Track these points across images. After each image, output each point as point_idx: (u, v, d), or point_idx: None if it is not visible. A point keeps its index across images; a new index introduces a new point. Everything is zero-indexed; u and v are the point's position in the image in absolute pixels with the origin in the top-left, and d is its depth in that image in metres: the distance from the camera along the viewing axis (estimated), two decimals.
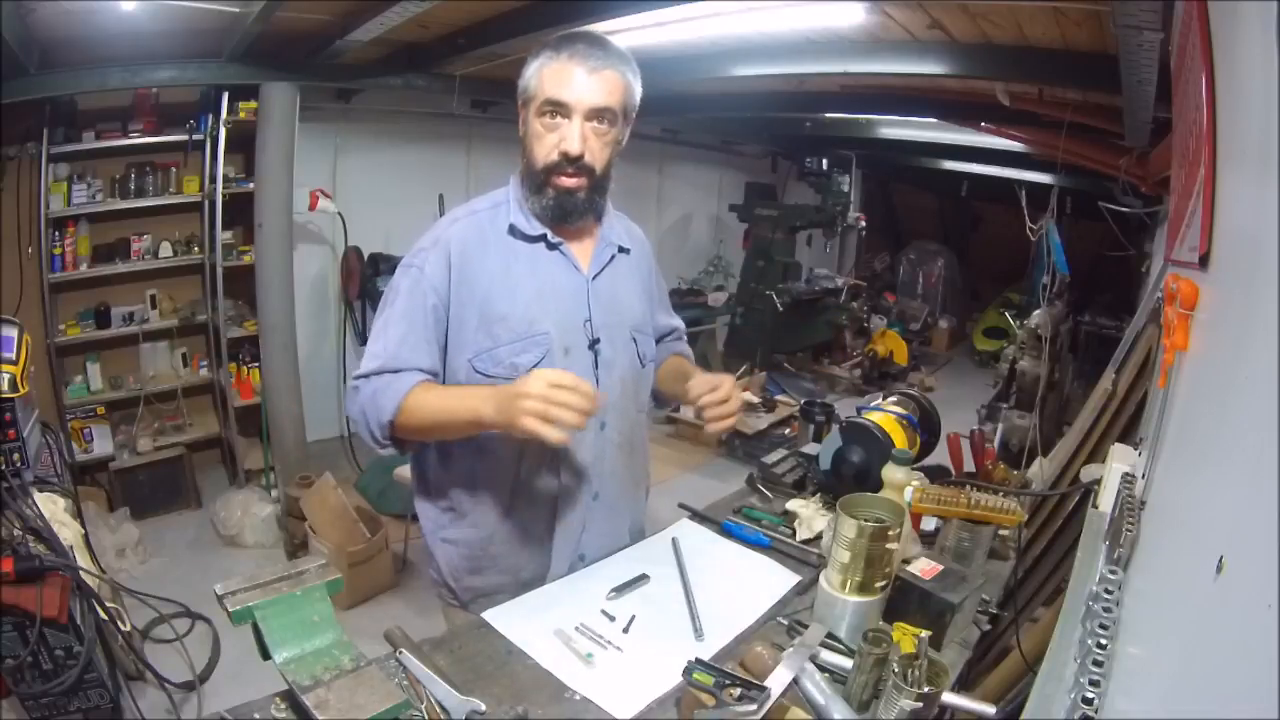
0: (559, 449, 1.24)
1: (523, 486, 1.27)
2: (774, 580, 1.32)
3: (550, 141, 1.18)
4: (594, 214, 1.30)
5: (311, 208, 3.67)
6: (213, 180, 3.37)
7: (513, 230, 1.25)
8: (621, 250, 1.34)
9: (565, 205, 1.22)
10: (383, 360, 1.20)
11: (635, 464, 1.41)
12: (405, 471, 2.51)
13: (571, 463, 1.28)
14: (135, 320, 3.51)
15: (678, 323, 1.59)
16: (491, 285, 1.22)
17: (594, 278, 1.29)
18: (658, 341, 1.48)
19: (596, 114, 1.17)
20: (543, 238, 1.25)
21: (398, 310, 1.23)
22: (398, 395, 1.16)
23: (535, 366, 1.21)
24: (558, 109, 1.16)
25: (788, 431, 4.34)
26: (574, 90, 1.14)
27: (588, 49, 1.15)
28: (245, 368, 3.69)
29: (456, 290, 1.22)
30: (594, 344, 1.27)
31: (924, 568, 1.18)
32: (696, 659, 0.96)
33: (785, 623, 1.19)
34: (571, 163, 1.18)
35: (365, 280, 3.89)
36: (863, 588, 1.09)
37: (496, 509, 1.29)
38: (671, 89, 3.78)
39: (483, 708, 0.91)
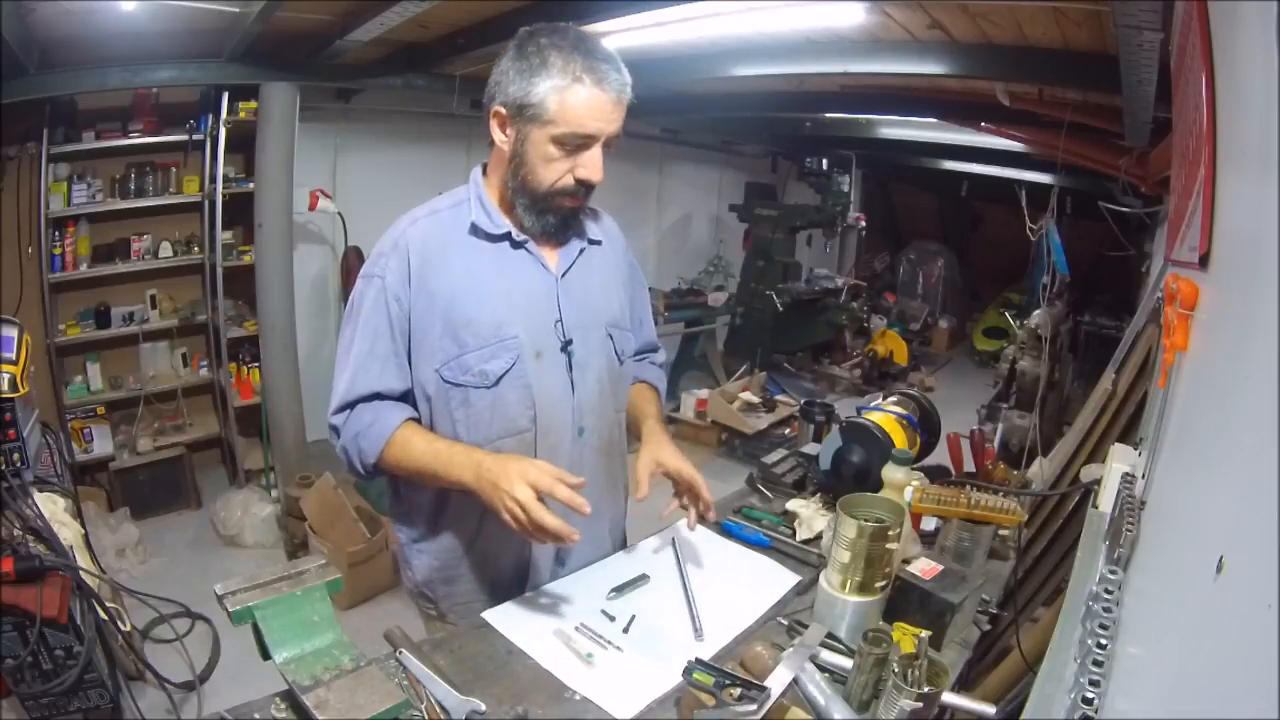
0: (534, 456, 1.21)
1: None
2: (774, 580, 1.32)
3: (563, 167, 1.13)
4: (581, 221, 1.28)
5: (311, 208, 3.67)
6: (213, 180, 3.37)
7: (475, 229, 1.20)
8: (592, 243, 1.30)
9: (568, 222, 1.22)
10: (349, 388, 1.19)
11: (613, 466, 1.37)
12: None
13: None
14: (135, 320, 3.51)
15: (652, 337, 1.51)
16: (455, 289, 1.17)
17: (563, 275, 1.24)
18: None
19: (612, 139, 1.14)
20: (507, 236, 1.20)
21: (361, 326, 1.19)
22: (379, 440, 1.18)
23: (507, 372, 1.18)
24: (582, 142, 1.11)
25: (788, 431, 4.34)
26: (601, 123, 1.10)
27: (607, 69, 1.09)
28: (245, 368, 3.68)
29: (417, 297, 1.17)
30: (566, 345, 1.23)
31: (924, 568, 1.18)
32: (696, 659, 0.96)
33: (785, 623, 1.19)
34: (586, 189, 1.16)
35: None
36: (863, 588, 1.09)
37: (471, 517, 1.25)
38: (671, 89, 3.78)
39: (483, 708, 0.91)
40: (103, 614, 1.71)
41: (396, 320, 1.18)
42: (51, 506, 1.79)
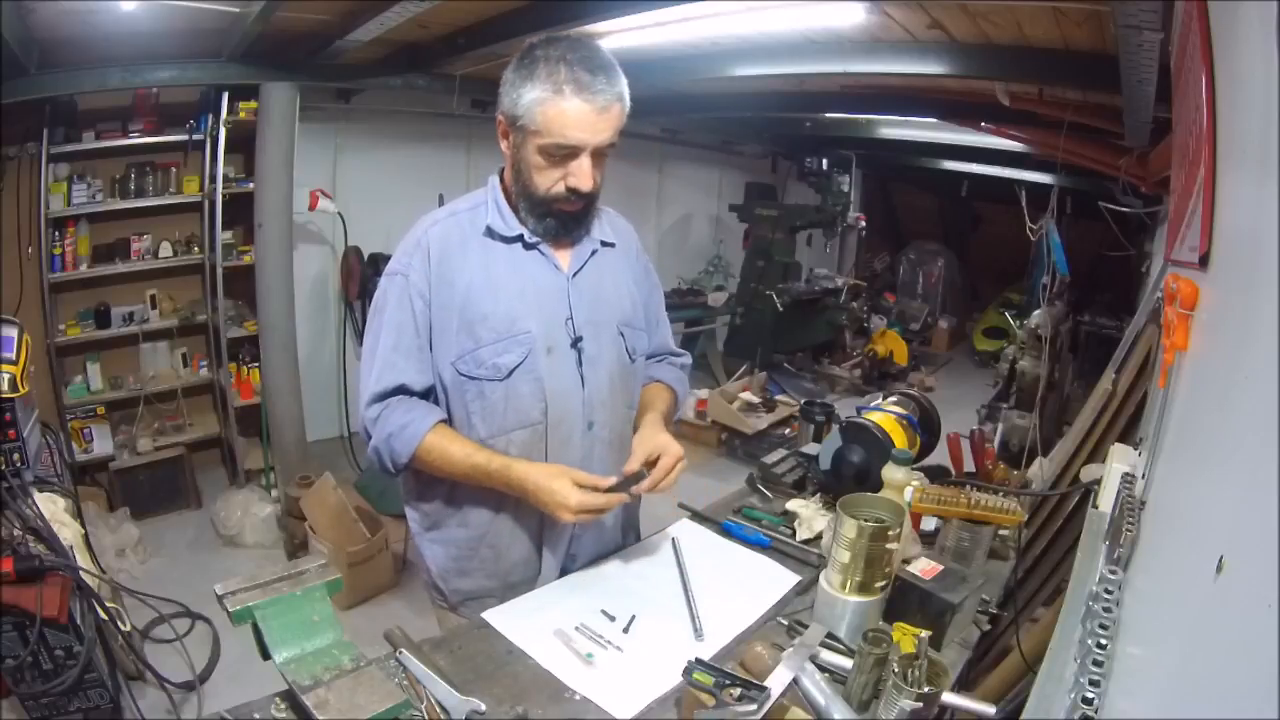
0: (546, 448, 1.26)
1: None
2: (774, 580, 1.32)
3: (554, 175, 1.17)
4: (589, 223, 1.30)
5: (311, 208, 3.67)
6: (213, 180, 3.37)
7: (490, 231, 1.24)
8: (605, 244, 1.33)
9: (567, 226, 1.25)
10: (375, 383, 1.22)
11: (625, 460, 1.37)
12: None
13: (559, 462, 1.26)
14: (135, 320, 3.51)
15: (669, 340, 1.52)
16: (471, 286, 1.21)
17: (574, 275, 1.28)
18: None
19: (603, 149, 1.16)
20: (519, 238, 1.24)
21: (386, 322, 1.22)
22: (411, 442, 1.21)
23: (518, 366, 1.22)
24: (568, 152, 1.14)
25: (788, 431, 4.33)
26: (585, 134, 1.12)
27: (591, 79, 1.10)
28: (245, 368, 3.68)
29: (437, 294, 1.21)
30: (577, 342, 1.26)
31: (924, 568, 1.18)
32: (696, 659, 0.97)
33: (785, 623, 1.19)
34: (580, 196, 1.19)
35: (365, 280, 3.89)
36: (863, 588, 1.09)
37: (485, 510, 1.28)
38: (671, 89, 3.78)
39: (483, 708, 0.91)
40: (103, 614, 1.71)
41: (420, 315, 1.22)
42: (51, 506, 1.79)
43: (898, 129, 4.77)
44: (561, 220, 1.23)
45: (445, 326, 1.22)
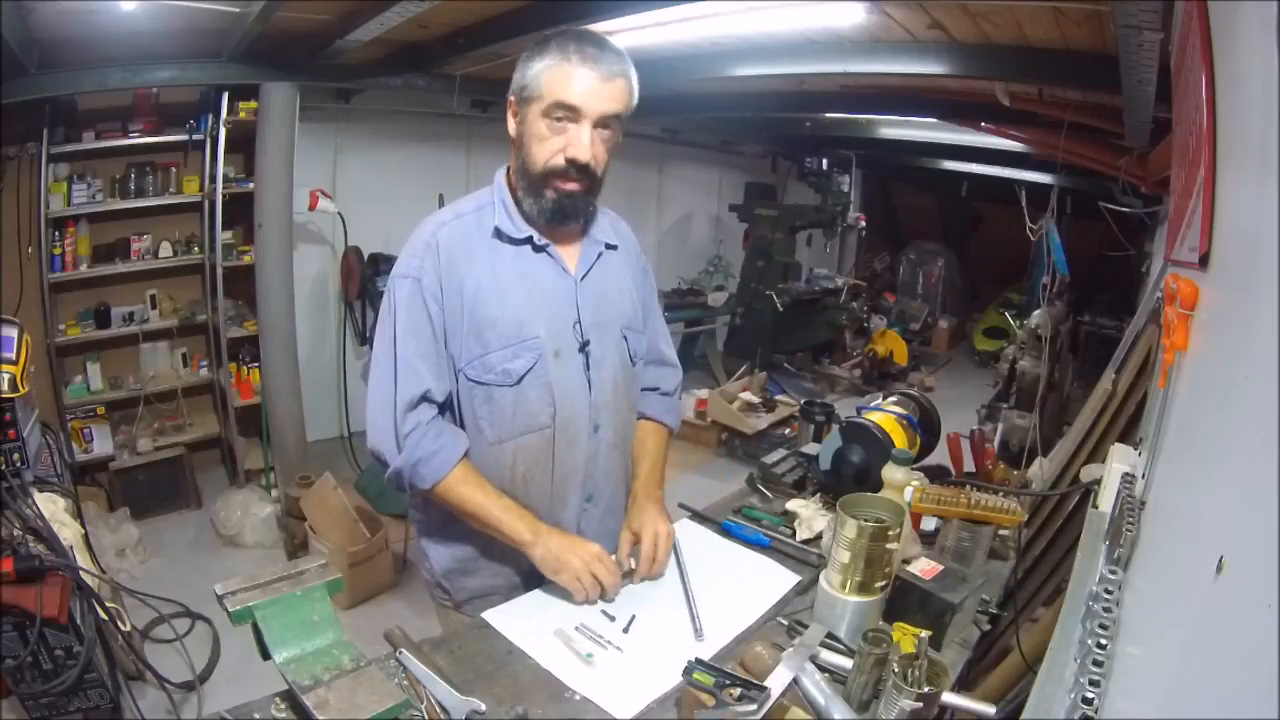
0: (553, 452, 1.26)
1: (517, 489, 1.26)
2: (774, 580, 1.32)
3: (555, 145, 1.15)
4: (589, 214, 1.29)
5: (311, 208, 3.67)
6: (213, 180, 3.37)
7: (498, 233, 1.23)
8: (609, 247, 1.32)
9: (565, 208, 1.21)
10: (401, 393, 1.19)
11: (628, 461, 1.40)
12: None
13: (565, 465, 1.27)
14: (135, 320, 3.51)
15: (660, 348, 1.48)
16: (479, 290, 1.20)
17: (582, 278, 1.27)
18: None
19: (605, 120, 1.16)
20: (529, 240, 1.23)
21: (402, 327, 1.20)
22: (440, 471, 1.20)
23: (528, 371, 1.21)
24: (568, 113, 1.13)
25: (788, 431, 4.33)
26: (587, 96, 1.12)
27: (598, 52, 1.12)
28: (245, 368, 3.69)
29: (446, 297, 1.20)
30: (584, 346, 1.26)
31: (924, 568, 1.18)
32: (696, 659, 0.97)
33: (785, 623, 1.19)
34: (577, 169, 1.17)
35: (365, 280, 3.89)
36: (863, 588, 1.09)
37: None
38: (671, 89, 3.77)
39: (483, 708, 0.91)
40: (103, 614, 1.71)
41: (435, 318, 1.20)
42: (51, 506, 1.79)
43: (898, 129, 4.77)
44: (559, 200, 1.20)
45: (454, 331, 1.21)
